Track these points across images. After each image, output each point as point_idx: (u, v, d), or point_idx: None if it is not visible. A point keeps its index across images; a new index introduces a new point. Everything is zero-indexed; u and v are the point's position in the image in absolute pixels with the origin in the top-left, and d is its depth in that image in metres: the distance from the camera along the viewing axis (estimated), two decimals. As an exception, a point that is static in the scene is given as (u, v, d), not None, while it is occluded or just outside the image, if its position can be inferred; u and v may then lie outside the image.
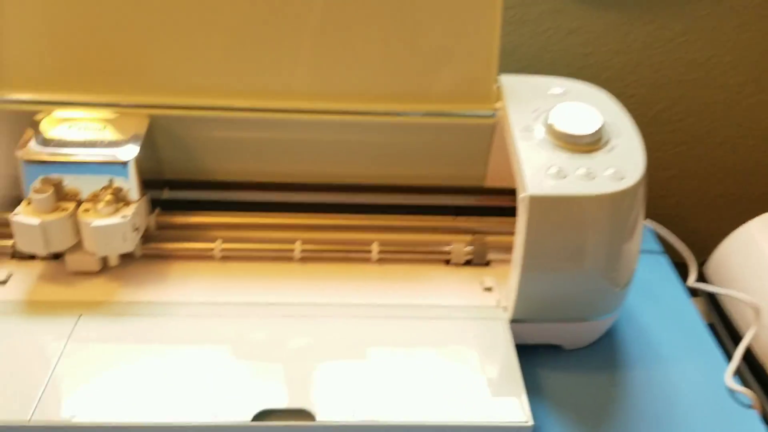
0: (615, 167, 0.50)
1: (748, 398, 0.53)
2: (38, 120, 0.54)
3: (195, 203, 0.60)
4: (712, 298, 0.66)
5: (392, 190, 0.61)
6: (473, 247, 0.57)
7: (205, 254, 0.57)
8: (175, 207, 0.59)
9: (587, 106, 0.53)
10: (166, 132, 0.57)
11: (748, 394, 0.53)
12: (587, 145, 0.51)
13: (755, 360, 0.58)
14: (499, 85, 0.57)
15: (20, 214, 0.51)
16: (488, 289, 0.55)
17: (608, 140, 0.52)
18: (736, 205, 0.86)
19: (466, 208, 0.60)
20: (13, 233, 0.52)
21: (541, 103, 0.55)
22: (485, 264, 0.58)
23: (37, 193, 0.51)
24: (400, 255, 0.58)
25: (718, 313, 0.65)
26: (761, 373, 0.57)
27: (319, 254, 0.57)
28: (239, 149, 0.59)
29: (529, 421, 0.45)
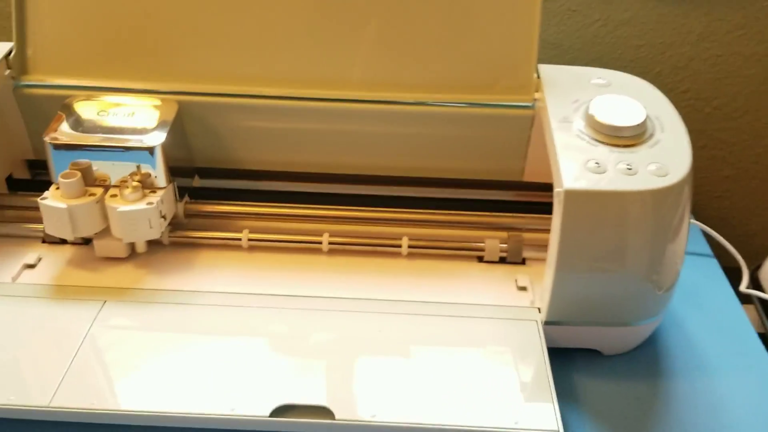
0: (658, 163, 0.47)
1: (801, 414, 0.49)
2: (68, 105, 0.55)
3: (225, 191, 0.59)
4: (765, 306, 0.63)
5: (425, 183, 0.60)
6: (508, 243, 0.56)
7: (232, 244, 0.56)
8: (205, 195, 0.59)
9: (630, 99, 0.51)
10: (196, 119, 0.57)
11: (801, 409, 0.50)
12: (629, 138, 0.49)
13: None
14: (538, 75, 0.56)
15: (48, 198, 0.51)
16: (522, 289, 0.54)
17: (652, 134, 0.50)
18: (796, 209, 0.82)
19: (503, 203, 0.59)
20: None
21: (581, 94, 0.53)
22: (520, 262, 0.56)
23: (65, 177, 0.51)
24: (431, 250, 0.56)
25: (771, 321, 0.62)
26: (817, 388, 0.54)
27: (348, 247, 0.56)
28: (269, 138, 0.58)
29: (559, 428, 0.43)
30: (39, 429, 0.45)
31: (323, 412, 0.44)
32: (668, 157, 0.48)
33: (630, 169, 0.47)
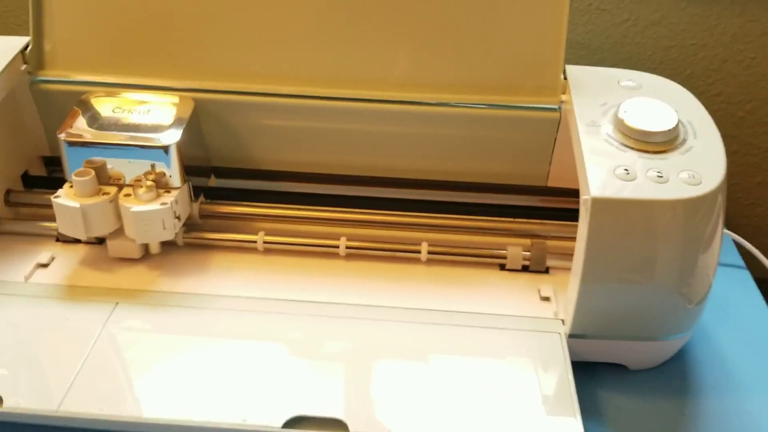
0: (690, 170, 0.45)
1: (838, 436, 0.47)
2: (83, 101, 0.54)
3: (241, 192, 0.58)
4: (800, 320, 0.60)
5: (446, 186, 0.58)
6: (531, 251, 0.54)
7: (247, 246, 0.55)
8: (221, 195, 0.58)
9: (662, 102, 0.49)
10: (213, 117, 0.56)
11: (837, 431, 0.47)
12: (660, 144, 0.47)
13: None
14: (565, 76, 0.54)
15: (61, 196, 0.51)
16: (545, 299, 0.52)
17: (684, 140, 0.48)
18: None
19: (526, 208, 0.57)
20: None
21: (610, 97, 0.51)
22: (544, 271, 0.54)
23: (79, 176, 0.50)
24: (452, 257, 0.55)
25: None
26: None
27: (365, 251, 0.55)
28: (287, 137, 0.57)
29: (582, 446, 0.41)
30: (47, 434, 0.44)
31: (337, 424, 0.43)
32: (701, 165, 0.46)
33: (660, 176, 0.45)
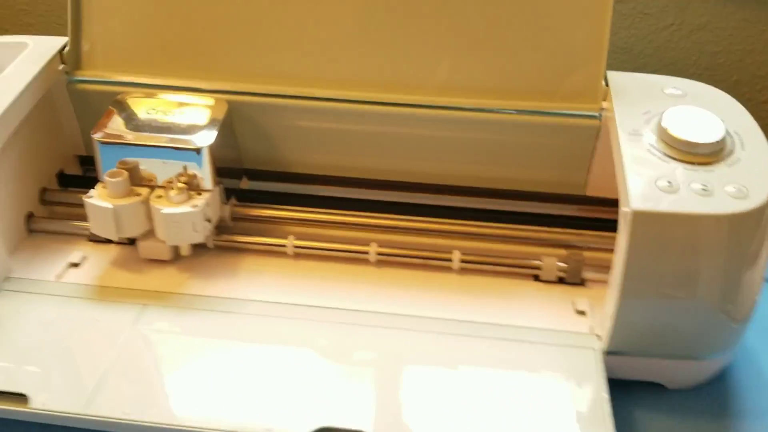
0: (737, 183, 0.44)
1: None
2: (119, 101, 0.54)
3: (273, 195, 0.58)
4: None
5: (480, 193, 0.57)
6: (567, 262, 0.52)
7: (278, 250, 0.55)
8: (252, 198, 0.57)
9: (708, 111, 0.48)
10: (246, 119, 0.56)
11: None
12: (705, 155, 0.45)
13: None
14: (606, 82, 0.53)
15: (94, 197, 0.51)
16: (581, 313, 0.50)
17: (731, 151, 0.46)
18: None
19: (562, 218, 0.55)
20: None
21: (654, 105, 0.49)
22: (579, 283, 0.53)
23: (111, 176, 0.50)
24: (484, 266, 0.53)
25: None
26: None
27: (396, 258, 0.54)
28: (320, 140, 0.57)
29: (616, 467, 0.40)
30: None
31: (363, 436, 0.42)
32: (748, 178, 0.44)
33: (705, 189, 0.43)
